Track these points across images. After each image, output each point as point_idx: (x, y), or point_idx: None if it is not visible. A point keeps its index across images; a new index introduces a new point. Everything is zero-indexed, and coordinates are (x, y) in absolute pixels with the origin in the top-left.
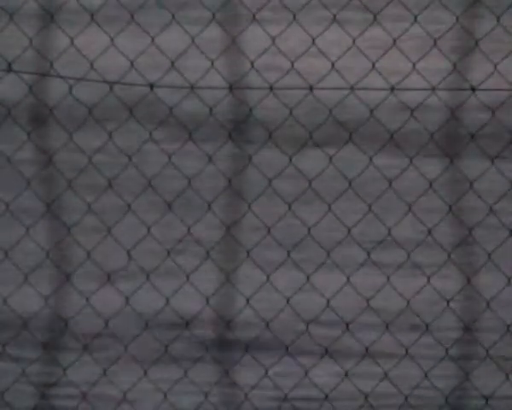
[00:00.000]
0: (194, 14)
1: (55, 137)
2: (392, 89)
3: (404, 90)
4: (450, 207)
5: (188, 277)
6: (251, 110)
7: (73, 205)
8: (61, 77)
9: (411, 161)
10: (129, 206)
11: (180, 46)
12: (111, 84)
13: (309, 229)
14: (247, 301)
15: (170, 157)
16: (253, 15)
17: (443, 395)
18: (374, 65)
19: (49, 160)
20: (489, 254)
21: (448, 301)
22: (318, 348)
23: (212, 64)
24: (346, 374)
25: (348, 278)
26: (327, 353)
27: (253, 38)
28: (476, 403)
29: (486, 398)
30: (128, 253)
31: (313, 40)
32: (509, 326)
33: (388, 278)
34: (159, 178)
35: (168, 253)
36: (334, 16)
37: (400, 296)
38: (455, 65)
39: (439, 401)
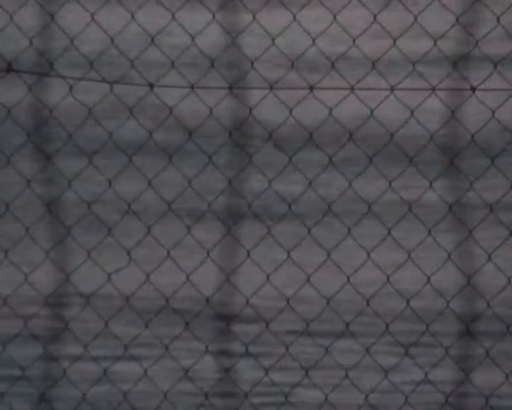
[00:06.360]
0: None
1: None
2: (392, 89)
3: (403, 90)
4: (449, 207)
5: (188, 277)
6: (251, 110)
7: (73, 207)
8: (61, 77)
9: (411, 161)
10: (129, 205)
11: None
12: (111, 83)
13: (309, 230)
14: (247, 301)
15: (170, 158)
16: (253, 16)
17: (443, 394)
18: (374, 65)
19: (49, 159)
20: (489, 255)
21: (448, 302)
22: (318, 348)
23: (213, 64)
24: (347, 375)
25: (348, 278)
26: (327, 352)
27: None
28: None
29: (486, 397)
30: (128, 253)
31: (313, 40)
32: (508, 326)
33: (388, 277)
34: (158, 179)
35: (168, 253)
36: (335, 16)
37: (400, 296)
38: (455, 64)
39: (439, 401)
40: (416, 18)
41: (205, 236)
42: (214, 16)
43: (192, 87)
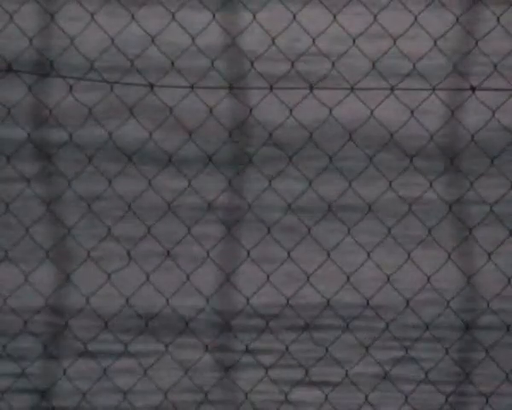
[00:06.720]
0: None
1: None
2: (392, 89)
3: (403, 90)
4: (450, 206)
5: (188, 276)
6: (251, 110)
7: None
8: (61, 77)
9: (411, 161)
10: (129, 206)
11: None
12: (111, 83)
13: (309, 229)
14: (248, 301)
15: (170, 158)
16: (253, 16)
17: (443, 394)
18: (374, 65)
19: (49, 159)
20: (489, 255)
21: (448, 302)
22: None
23: (213, 64)
24: (347, 374)
25: (348, 278)
26: (327, 351)
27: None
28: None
29: (486, 397)
30: (128, 253)
31: (313, 40)
32: (508, 326)
33: (388, 277)
34: (158, 179)
35: (168, 253)
36: (334, 16)
37: (401, 296)
38: (455, 65)
39: (439, 401)
40: (416, 18)
41: (204, 235)
42: (214, 16)
43: (192, 87)
